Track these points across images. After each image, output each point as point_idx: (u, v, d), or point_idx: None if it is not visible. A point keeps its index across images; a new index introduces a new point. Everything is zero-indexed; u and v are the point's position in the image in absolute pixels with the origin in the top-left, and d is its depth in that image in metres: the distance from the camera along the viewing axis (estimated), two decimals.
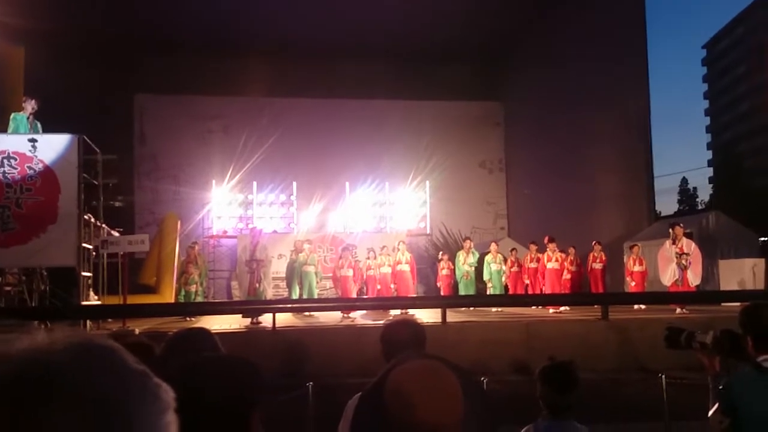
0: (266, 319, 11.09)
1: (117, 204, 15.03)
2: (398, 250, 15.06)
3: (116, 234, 13.79)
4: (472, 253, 15.59)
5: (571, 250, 15.25)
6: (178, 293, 14.44)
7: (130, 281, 13.24)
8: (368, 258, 15.26)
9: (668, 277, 13.16)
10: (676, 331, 3.05)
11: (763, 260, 15.28)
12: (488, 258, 15.63)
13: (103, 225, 13.25)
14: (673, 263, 13.08)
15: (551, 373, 3.09)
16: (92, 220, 12.49)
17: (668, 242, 13.35)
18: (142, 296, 14.37)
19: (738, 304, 11.01)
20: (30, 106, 11.66)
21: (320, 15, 20.17)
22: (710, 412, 2.90)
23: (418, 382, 1.29)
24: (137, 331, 9.53)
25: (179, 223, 17.03)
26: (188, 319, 12.41)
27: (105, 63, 20.37)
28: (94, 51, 19.92)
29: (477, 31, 21.97)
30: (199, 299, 14.49)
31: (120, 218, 16.57)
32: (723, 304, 12.65)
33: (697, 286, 13.17)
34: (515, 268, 15.74)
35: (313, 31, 20.97)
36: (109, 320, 11.94)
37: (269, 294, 14.02)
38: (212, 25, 20.66)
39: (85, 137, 11.72)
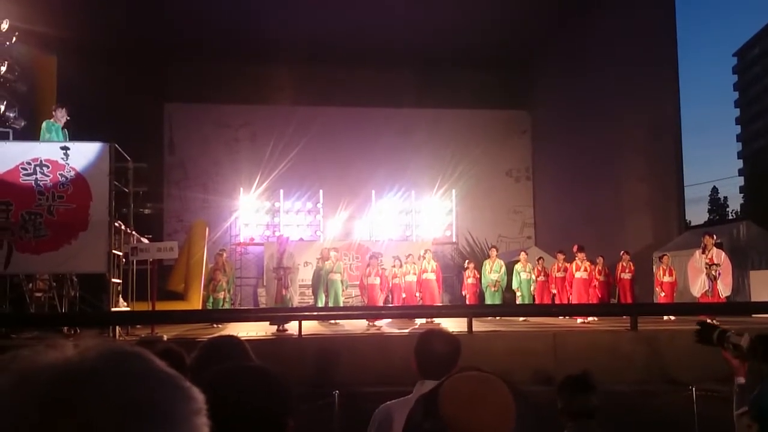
0: (292, 327, 11.13)
1: (146, 211, 15.23)
2: (424, 258, 15.04)
3: (145, 241, 13.95)
4: (497, 262, 15.53)
5: (600, 260, 15.10)
6: (206, 300, 14.56)
7: (158, 288, 13.37)
8: (394, 266, 15.25)
9: (698, 288, 12.97)
10: (708, 328, 3.00)
11: None
12: (518, 267, 15.55)
13: (133, 232, 13.40)
14: (702, 274, 12.89)
15: (570, 382, 3.09)
16: (122, 227, 12.65)
17: (698, 252, 13.14)
18: (170, 303, 14.50)
19: None
20: (63, 116, 11.85)
21: (347, 23, 20.30)
22: (736, 413, 2.86)
23: (474, 392, 1.30)
24: (165, 338, 9.64)
25: (207, 230, 17.18)
26: (215, 325, 12.50)
27: (135, 72, 20.68)
28: (124, 60, 20.24)
29: (504, 39, 21.95)
30: (227, 306, 14.59)
31: (149, 225, 16.76)
32: (754, 315, 12.45)
33: (727, 297, 12.96)
34: (542, 278, 15.62)
35: (339, 39, 21.11)
36: (138, 326, 12.06)
37: (295, 302, 14.08)
38: (240, 33, 20.91)
39: (116, 145, 11.88)
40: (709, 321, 3.23)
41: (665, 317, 13.16)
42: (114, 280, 11.67)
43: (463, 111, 24.51)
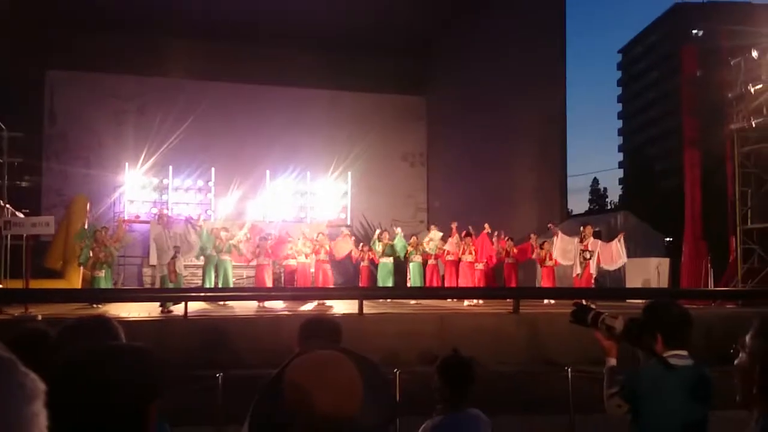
0: (180, 308, 10.82)
1: (24, 184, 14.38)
2: (317, 240, 14.98)
3: (20, 215, 13.17)
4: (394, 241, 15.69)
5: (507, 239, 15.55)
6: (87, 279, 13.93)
7: (35, 265, 12.68)
8: (291, 248, 15.10)
9: (560, 257, 14.07)
10: (583, 309, 3.09)
11: (667, 260, 16.03)
12: (409, 248, 15.74)
13: (7, 205, 12.64)
14: (573, 257, 13.80)
15: (451, 369, 3.15)
16: None
17: (577, 239, 13.92)
18: (47, 281, 13.77)
19: (641, 301, 11.54)
20: None
21: None
22: (606, 392, 2.97)
23: (315, 373, 1.28)
24: (40, 317, 9.14)
25: (89, 205, 16.39)
26: (96, 306, 11.97)
27: (17, 36, 19.31)
28: (6, 23, 18.86)
29: (401, 25, 22.12)
30: (107, 285, 13.97)
31: (26, 199, 15.84)
32: (628, 300, 13.20)
33: (620, 269, 14.17)
34: (432, 261, 15.92)
35: (234, 13, 20.60)
36: (13, 305, 11.37)
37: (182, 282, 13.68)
38: (131, 1, 19.98)
39: None
40: (585, 302, 3.34)
41: (545, 301, 13.75)
42: None
43: (360, 94, 24.49)
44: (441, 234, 15.76)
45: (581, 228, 14.14)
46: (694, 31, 49.97)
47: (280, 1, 20.04)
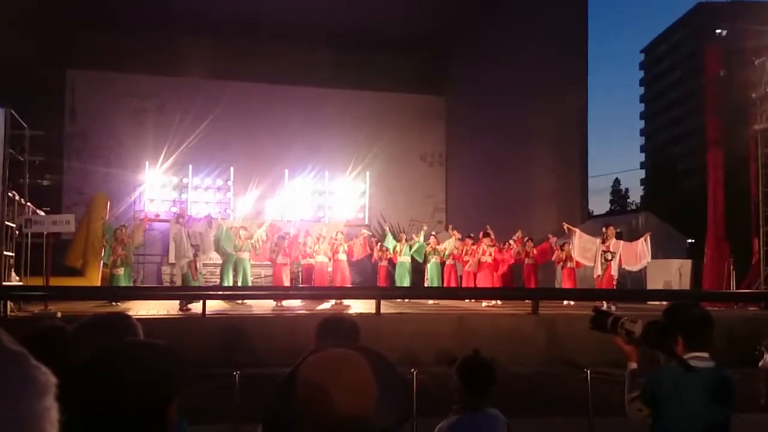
0: (198, 306, 10.87)
1: (45, 182, 14.51)
2: (336, 239, 15.00)
3: (41, 213, 13.30)
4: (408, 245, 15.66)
5: (527, 240, 15.41)
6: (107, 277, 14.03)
7: (55, 263, 12.80)
8: (308, 247, 15.13)
9: (580, 256, 13.86)
10: (603, 314, 3.07)
11: (689, 261, 15.86)
12: (427, 249, 15.71)
13: (28, 203, 12.77)
14: (593, 257, 13.65)
15: (471, 370, 3.12)
16: (17, 197, 12.02)
17: (599, 240, 13.78)
18: (67, 278, 13.90)
19: (663, 303, 11.43)
20: None
21: None
22: (628, 396, 2.95)
23: (328, 371, 1.26)
24: (59, 314, 9.23)
25: (109, 204, 16.51)
26: (115, 303, 12.07)
27: (38, 35, 19.50)
28: (28, 22, 19.06)
29: (421, 24, 22.05)
30: (126, 283, 14.08)
31: (47, 197, 15.99)
32: (648, 302, 13.08)
33: (630, 271, 14.00)
34: (450, 261, 15.87)
35: (253, 14, 20.65)
36: (33, 302, 11.50)
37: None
38: (150, 1, 20.11)
39: (12, 111, 11.23)
40: (603, 308, 3.30)
41: (565, 302, 13.65)
42: (6, 252, 11.09)
43: (378, 93, 24.43)
44: (459, 236, 15.71)
45: (604, 229, 14.03)
46: (718, 31, 49.47)
47: (297, 1, 20.05)
